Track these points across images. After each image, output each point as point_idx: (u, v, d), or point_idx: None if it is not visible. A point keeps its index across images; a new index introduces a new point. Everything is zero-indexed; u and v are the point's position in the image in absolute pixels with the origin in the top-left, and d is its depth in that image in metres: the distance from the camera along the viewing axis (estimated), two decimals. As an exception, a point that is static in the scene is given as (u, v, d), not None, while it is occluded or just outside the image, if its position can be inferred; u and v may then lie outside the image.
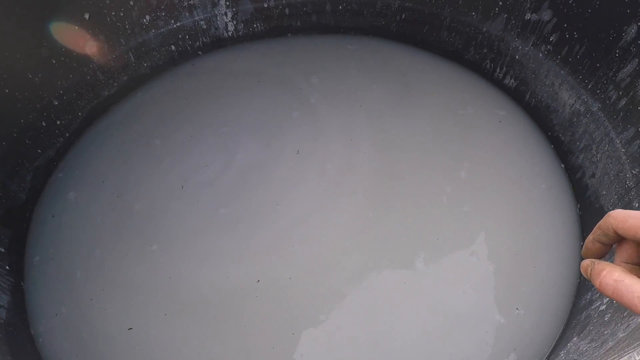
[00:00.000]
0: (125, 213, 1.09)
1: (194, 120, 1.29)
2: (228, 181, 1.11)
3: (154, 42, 1.39)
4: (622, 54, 0.90)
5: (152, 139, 1.25)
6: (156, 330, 0.91)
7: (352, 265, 0.94)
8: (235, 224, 1.03)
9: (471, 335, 0.85)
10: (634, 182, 0.85)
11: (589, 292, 0.87)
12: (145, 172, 1.17)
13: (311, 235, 0.99)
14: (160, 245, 1.02)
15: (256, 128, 1.21)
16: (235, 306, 0.92)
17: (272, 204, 1.04)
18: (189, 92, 1.36)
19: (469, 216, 1.00)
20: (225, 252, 1.00)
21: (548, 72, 1.11)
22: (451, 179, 1.05)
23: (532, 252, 0.96)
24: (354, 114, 1.19)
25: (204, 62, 1.43)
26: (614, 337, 0.56)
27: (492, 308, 0.88)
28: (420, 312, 0.88)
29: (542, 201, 1.03)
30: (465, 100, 1.21)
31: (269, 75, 1.34)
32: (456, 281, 0.91)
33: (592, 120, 1.00)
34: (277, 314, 0.90)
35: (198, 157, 1.19)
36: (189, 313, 0.92)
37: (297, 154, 1.10)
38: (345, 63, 1.32)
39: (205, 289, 0.95)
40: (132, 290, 0.97)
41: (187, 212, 1.07)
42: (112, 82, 1.35)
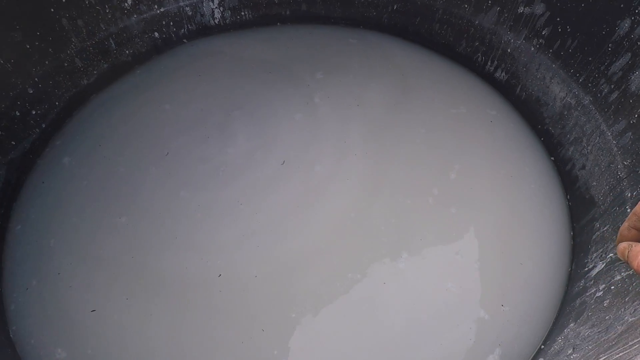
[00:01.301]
0: (109, 174, 1.10)
1: (180, 112, 1.24)
2: (208, 170, 1.09)
3: (136, 29, 1.32)
4: (614, 48, 0.92)
5: (133, 131, 1.20)
6: (119, 315, 0.90)
7: (329, 266, 0.93)
8: (201, 215, 1.02)
9: (454, 332, 0.85)
10: (625, 173, 0.88)
11: (581, 280, 0.89)
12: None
13: (283, 236, 0.97)
14: (129, 218, 1.02)
15: (250, 122, 1.18)
16: (198, 298, 0.91)
17: (246, 202, 1.03)
18: (174, 82, 1.31)
19: (455, 217, 1.00)
20: (186, 240, 0.98)
21: (539, 66, 1.13)
22: (440, 181, 1.06)
23: (520, 249, 0.96)
24: (351, 115, 1.18)
25: (189, 50, 1.37)
26: (621, 321, 0.57)
27: (476, 305, 0.89)
28: (401, 311, 0.88)
29: (531, 200, 1.04)
30: (458, 98, 1.21)
31: (269, 66, 1.31)
32: (439, 280, 0.91)
33: (583, 113, 1.02)
34: (244, 310, 0.89)
35: (184, 147, 1.15)
36: (151, 300, 0.91)
37: (283, 163, 1.09)
38: (346, 58, 1.31)
39: (167, 276, 0.94)
40: (97, 267, 0.96)
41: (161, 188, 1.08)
42: (92, 70, 1.28)
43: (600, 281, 0.78)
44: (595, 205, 0.95)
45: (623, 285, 0.69)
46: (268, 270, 0.93)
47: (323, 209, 1.01)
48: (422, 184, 1.05)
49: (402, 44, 1.36)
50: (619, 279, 0.72)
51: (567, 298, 0.91)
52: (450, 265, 0.93)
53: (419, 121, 1.17)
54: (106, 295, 0.92)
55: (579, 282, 0.89)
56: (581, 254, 0.93)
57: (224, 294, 0.91)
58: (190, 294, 0.92)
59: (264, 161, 1.09)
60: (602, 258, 0.83)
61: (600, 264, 0.82)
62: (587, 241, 0.93)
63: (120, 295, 0.92)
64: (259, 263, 0.94)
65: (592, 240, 0.91)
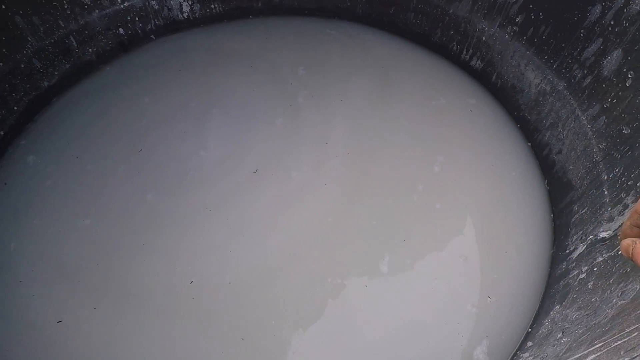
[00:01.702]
0: (76, 173, 1.06)
1: (159, 105, 1.19)
2: (178, 173, 1.06)
3: (98, 25, 1.26)
4: (586, 34, 0.94)
5: (107, 126, 1.15)
6: (87, 325, 0.86)
7: (307, 271, 0.91)
8: (168, 221, 0.99)
9: (442, 329, 0.86)
10: (601, 156, 0.90)
11: (563, 262, 0.91)
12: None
13: (256, 242, 0.95)
14: (93, 221, 0.99)
15: (228, 124, 1.14)
16: (171, 306, 0.88)
17: (215, 208, 1.00)
18: (153, 75, 1.25)
19: (440, 213, 0.99)
20: (153, 246, 0.95)
21: (514, 53, 1.14)
22: (424, 176, 1.05)
23: (504, 239, 0.97)
24: (334, 113, 1.16)
25: (164, 46, 1.32)
26: (610, 304, 0.59)
27: (464, 299, 0.89)
28: (385, 313, 0.87)
29: (512, 188, 1.05)
30: (438, 89, 1.22)
31: (250, 60, 1.27)
32: (424, 278, 0.91)
33: (558, 98, 1.04)
34: (220, 318, 0.86)
35: (160, 143, 1.12)
36: (120, 309, 0.88)
37: (256, 171, 1.05)
38: (326, 50, 1.29)
39: (135, 283, 0.91)
40: (60, 274, 0.92)
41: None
42: (52, 71, 1.21)
43: (583, 263, 0.79)
44: (573, 188, 0.97)
45: (606, 267, 0.71)
46: (242, 276, 0.90)
47: (299, 215, 0.98)
48: (406, 180, 1.04)
49: (379, 34, 1.35)
50: (601, 261, 0.73)
51: (551, 280, 0.92)
52: (435, 263, 0.93)
53: (402, 115, 1.16)
54: (72, 305, 0.88)
55: (561, 264, 0.91)
56: (562, 236, 0.95)
57: (197, 301, 0.88)
58: (162, 302, 0.88)
59: (235, 169, 1.06)
60: (582, 240, 0.85)
61: (581, 246, 0.84)
62: (566, 224, 0.95)
63: (86, 304, 0.88)
64: (232, 269, 0.91)
65: (572, 222, 0.93)
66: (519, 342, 0.84)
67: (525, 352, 0.78)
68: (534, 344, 0.77)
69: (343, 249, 0.94)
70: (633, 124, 0.80)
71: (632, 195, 0.73)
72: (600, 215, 0.82)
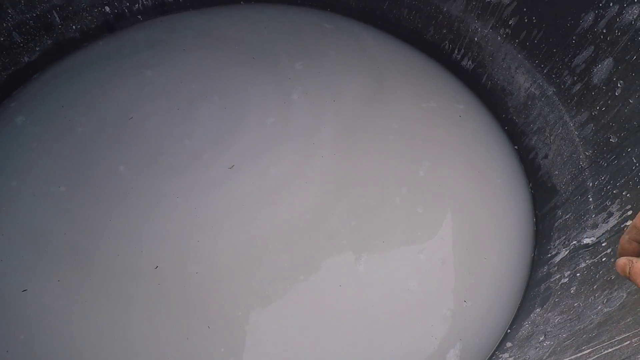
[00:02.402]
0: (64, 135, 1.06)
1: (160, 79, 1.16)
2: (155, 154, 1.05)
3: (83, 1, 1.20)
4: (578, 41, 0.95)
5: (104, 93, 1.13)
6: (50, 298, 0.85)
7: (278, 267, 0.91)
8: (135, 200, 0.98)
9: (415, 330, 0.86)
10: (587, 163, 0.91)
11: (545, 266, 0.92)
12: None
13: (226, 234, 0.94)
14: (68, 188, 0.98)
15: (219, 116, 1.12)
16: (135, 288, 0.87)
17: (184, 197, 0.99)
18: (159, 51, 1.23)
19: (421, 216, 0.99)
20: (119, 224, 0.94)
21: (505, 56, 1.14)
22: (409, 179, 1.05)
23: (484, 243, 0.98)
24: (326, 113, 1.14)
25: (146, 28, 1.27)
26: (594, 310, 0.60)
27: (439, 302, 0.89)
28: (357, 313, 0.87)
29: (497, 196, 1.06)
30: (429, 92, 1.21)
31: (252, 50, 1.25)
32: (401, 280, 0.91)
33: (547, 103, 1.05)
34: (186, 305, 0.86)
35: (152, 114, 1.11)
36: (84, 285, 0.87)
37: (232, 167, 1.04)
38: (324, 45, 1.27)
39: (99, 260, 0.90)
40: (29, 242, 0.91)
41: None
42: (34, 46, 1.15)
43: (565, 268, 0.81)
44: (557, 193, 0.99)
45: (589, 273, 0.72)
46: (210, 267, 0.90)
47: (274, 211, 0.97)
48: (391, 183, 1.04)
49: (376, 33, 1.34)
50: (584, 267, 0.75)
51: (531, 283, 0.94)
52: (413, 265, 0.93)
53: (393, 117, 1.15)
54: (37, 274, 0.88)
55: (542, 268, 0.92)
56: (544, 240, 0.97)
57: (163, 287, 0.87)
58: (125, 284, 0.87)
59: (211, 163, 1.04)
60: (565, 245, 0.86)
61: (564, 250, 0.86)
62: (549, 228, 0.97)
63: (50, 275, 0.87)
64: (199, 259, 0.91)
65: (555, 227, 0.94)
66: (495, 346, 0.84)
67: (504, 352, 0.79)
68: (513, 345, 0.79)
69: (319, 247, 0.93)
70: (620, 133, 0.81)
71: (617, 203, 0.75)
72: (584, 222, 0.83)
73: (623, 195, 0.75)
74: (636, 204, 0.70)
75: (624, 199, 0.74)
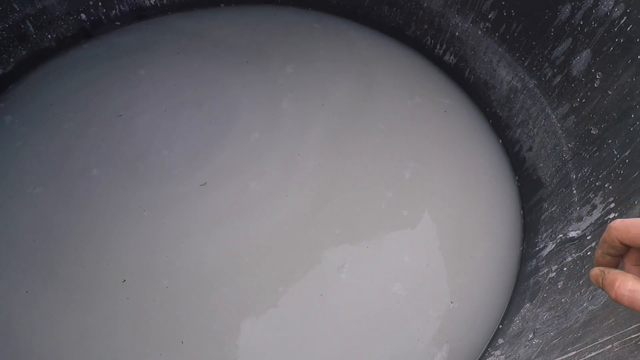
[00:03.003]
0: (51, 133, 1.06)
1: (154, 80, 1.15)
2: (131, 159, 1.04)
3: (57, 9, 1.18)
4: (556, 33, 0.95)
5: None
6: (18, 307, 0.84)
7: (255, 280, 0.89)
8: (102, 207, 0.96)
9: (400, 334, 0.85)
10: (570, 155, 0.92)
11: (533, 259, 0.93)
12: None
13: (197, 249, 0.92)
14: (42, 190, 0.98)
15: (205, 126, 1.10)
16: (102, 302, 0.85)
17: (151, 210, 0.97)
18: (152, 52, 1.21)
19: (407, 220, 0.99)
20: (84, 234, 0.92)
21: (486, 49, 1.14)
22: (394, 183, 1.04)
23: (472, 242, 0.97)
24: (314, 119, 1.13)
25: (124, 35, 1.25)
26: (580, 307, 0.60)
27: (425, 305, 0.88)
28: (340, 321, 0.85)
29: (484, 191, 1.05)
30: (414, 88, 1.20)
31: (244, 54, 1.23)
32: (385, 285, 0.90)
33: (529, 96, 1.05)
34: (158, 320, 0.84)
35: (141, 113, 1.11)
36: (50, 295, 0.86)
37: (204, 184, 1.01)
38: (313, 46, 1.26)
39: (64, 271, 0.88)
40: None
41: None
42: (7, 58, 1.13)
43: (552, 262, 0.81)
44: (543, 186, 0.99)
45: (575, 267, 0.72)
46: (182, 281, 0.88)
47: (250, 225, 0.95)
48: (376, 188, 1.02)
49: (363, 30, 1.33)
50: (570, 261, 0.75)
51: (521, 277, 0.94)
52: (397, 269, 0.92)
53: (380, 118, 1.14)
54: (4, 282, 0.87)
55: (531, 261, 0.93)
56: (531, 233, 0.97)
57: (133, 301, 0.85)
58: (92, 297, 0.85)
59: (183, 180, 1.01)
60: (552, 238, 0.87)
61: (551, 244, 0.86)
62: (536, 221, 0.97)
63: (18, 282, 0.86)
64: (170, 274, 0.89)
65: (542, 220, 0.95)
66: (486, 344, 0.84)
67: (496, 349, 0.79)
68: (505, 342, 0.79)
69: (298, 258, 0.92)
70: (601, 125, 0.81)
71: (600, 196, 0.75)
72: (569, 214, 0.84)
73: (605, 187, 0.75)
74: (618, 196, 0.71)
75: (606, 191, 0.75)
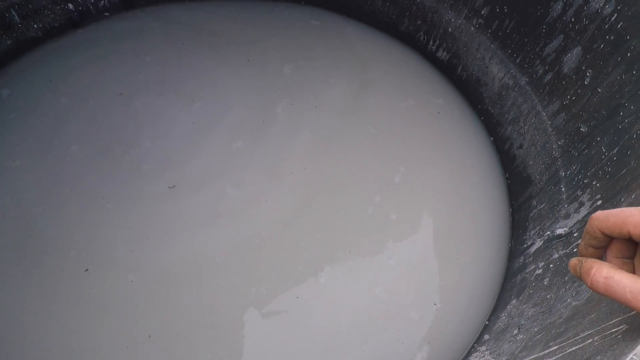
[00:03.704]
0: (47, 107, 1.07)
1: (158, 67, 1.14)
2: (111, 142, 1.03)
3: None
4: (548, 30, 0.95)
5: (99, 71, 1.12)
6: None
7: (227, 281, 0.88)
8: (67, 190, 0.95)
9: (380, 336, 0.84)
10: (559, 153, 0.92)
11: (521, 256, 0.93)
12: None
13: (165, 249, 0.91)
14: (21, 162, 0.98)
15: (187, 130, 1.08)
16: (64, 289, 0.84)
17: (116, 205, 0.95)
18: (159, 37, 1.20)
19: (394, 223, 0.97)
20: (49, 216, 0.91)
21: (479, 46, 1.14)
22: (384, 187, 1.02)
23: (460, 243, 0.96)
24: (306, 122, 1.11)
25: (113, 25, 1.23)
26: (564, 303, 0.60)
27: (407, 306, 0.87)
28: (316, 324, 0.84)
29: (475, 193, 1.04)
30: (409, 89, 1.19)
31: (247, 51, 1.22)
32: (366, 288, 0.89)
33: (520, 93, 1.05)
34: (124, 313, 0.83)
35: (140, 93, 1.11)
36: (13, 280, 0.85)
37: (173, 187, 0.99)
38: (312, 43, 1.25)
39: (28, 253, 0.88)
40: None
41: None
42: (-8, 47, 1.11)
43: (539, 259, 0.81)
44: (532, 183, 0.99)
45: (561, 264, 0.72)
46: (148, 277, 0.87)
47: (224, 229, 0.94)
48: (364, 192, 1.01)
49: (361, 28, 1.31)
50: (556, 257, 0.75)
51: (508, 274, 0.94)
52: (381, 273, 0.91)
53: (372, 121, 1.12)
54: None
55: (518, 258, 0.93)
56: (520, 230, 0.97)
57: (96, 292, 0.84)
58: (54, 283, 0.84)
59: (149, 177, 0.99)
60: (540, 235, 0.87)
61: (539, 241, 0.86)
62: (525, 218, 0.97)
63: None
64: (135, 268, 0.87)
65: (530, 217, 0.95)
66: (470, 345, 0.84)
67: (482, 345, 0.79)
68: (490, 338, 0.79)
69: (274, 261, 0.91)
70: (590, 123, 0.81)
71: (588, 193, 0.75)
72: (557, 212, 0.84)
73: (593, 184, 0.75)
74: (605, 194, 0.71)
75: (594, 189, 0.75)
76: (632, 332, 0.36)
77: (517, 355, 0.59)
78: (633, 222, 0.35)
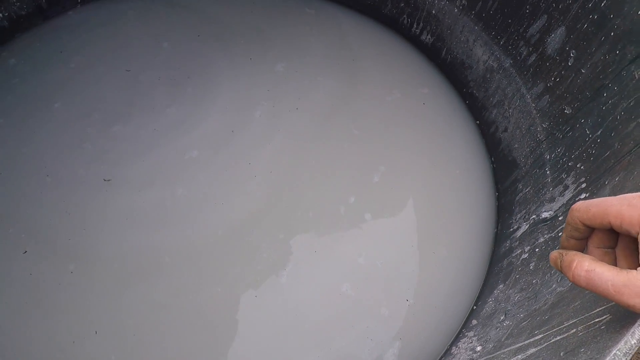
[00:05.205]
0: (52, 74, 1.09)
1: (173, 49, 1.14)
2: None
3: (9, -13, 1.10)
4: (532, 10, 0.93)
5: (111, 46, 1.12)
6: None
7: (176, 281, 0.85)
8: (23, 164, 0.94)
9: (348, 333, 0.82)
10: (544, 136, 0.91)
11: (507, 240, 0.93)
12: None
13: (107, 243, 0.88)
14: (4, 121, 0.98)
15: (171, 119, 1.06)
16: (1, 272, 0.83)
17: (58, 190, 0.93)
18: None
19: (368, 224, 0.94)
20: (8, 190, 0.90)
21: (463, 28, 1.12)
22: (360, 187, 0.99)
23: (441, 235, 0.94)
24: (286, 124, 1.08)
25: (84, 14, 1.18)
26: (549, 289, 0.60)
27: (377, 304, 0.85)
28: (276, 323, 0.82)
29: (461, 180, 1.03)
30: (395, 81, 1.16)
31: (242, 39, 1.19)
32: (332, 286, 0.87)
33: (505, 76, 1.03)
34: (65, 306, 0.81)
35: (147, 68, 1.12)
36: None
37: (109, 181, 0.96)
38: (304, 36, 1.22)
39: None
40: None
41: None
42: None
43: (525, 243, 0.81)
44: (517, 167, 0.98)
45: (547, 248, 0.72)
46: (88, 270, 0.84)
47: (172, 228, 0.91)
48: (337, 194, 0.98)
49: (355, 17, 1.28)
50: (542, 242, 0.75)
51: (495, 259, 0.94)
52: (349, 271, 0.88)
53: (355, 121, 1.09)
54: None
55: (504, 242, 0.93)
56: (506, 215, 0.97)
57: (35, 277, 0.81)
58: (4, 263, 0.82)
59: (87, 168, 0.96)
60: (525, 219, 0.86)
61: (525, 225, 0.86)
62: (511, 202, 0.97)
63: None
64: (74, 258, 0.85)
65: (516, 201, 0.94)
66: (447, 345, 0.83)
67: (470, 330, 0.79)
68: (478, 323, 0.79)
69: (229, 260, 0.88)
70: (574, 104, 0.80)
71: (572, 176, 0.75)
72: (542, 195, 0.83)
73: (577, 167, 0.74)
74: (589, 177, 0.70)
75: (578, 172, 0.74)
76: (615, 322, 0.36)
77: (503, 342, 0.58)
78: (614, 212, 0.34)
